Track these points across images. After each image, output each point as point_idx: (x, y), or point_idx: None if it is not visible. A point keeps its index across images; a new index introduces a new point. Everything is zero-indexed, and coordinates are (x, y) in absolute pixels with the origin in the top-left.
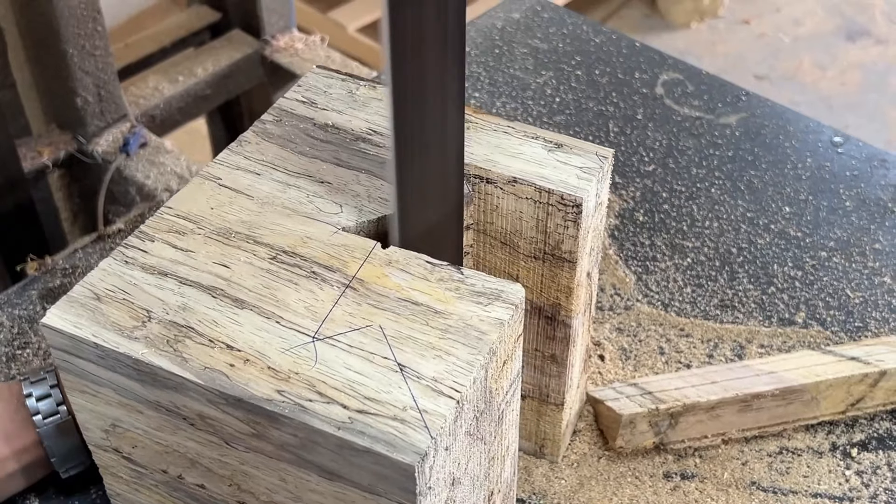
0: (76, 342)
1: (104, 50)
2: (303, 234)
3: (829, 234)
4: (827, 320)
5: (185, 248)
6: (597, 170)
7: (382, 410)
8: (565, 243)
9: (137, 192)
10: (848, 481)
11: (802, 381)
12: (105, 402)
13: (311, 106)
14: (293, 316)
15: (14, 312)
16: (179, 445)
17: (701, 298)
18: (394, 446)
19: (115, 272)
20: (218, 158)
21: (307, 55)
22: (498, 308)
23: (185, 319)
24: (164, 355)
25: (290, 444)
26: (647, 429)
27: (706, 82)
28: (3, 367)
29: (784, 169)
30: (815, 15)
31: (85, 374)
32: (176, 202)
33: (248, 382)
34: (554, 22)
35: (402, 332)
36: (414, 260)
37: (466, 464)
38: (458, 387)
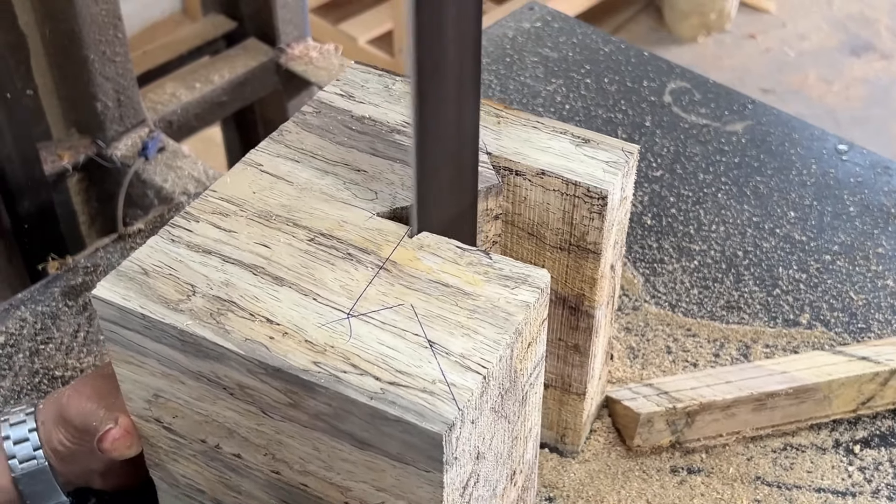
0: (124, 313)
1: (124, 56)
2: (339, 219)
3: (834, 239)
4: (831, 322)
5: (228, 229)
6: (622, 164)
7: (413, 383)
8: (590, 235)
9: (155, 195)
10: (850, 476)
11: (815, 380)
12: (149, 373)
13: (349, 99)
14: (329, 294)
15: (37, 309)
16: (218, 415)
17: (707, 300)
18: (423, 416)
19: (161, 249)
20: (260, 146)
21: (321, 63)
22: (524, 291)
23: (227, 294)
24: (207, 327)
25: (324, 414)
26: (664, 427)
27: (713, 91)
28: (27, 362)
29: (789, 175)
30: (821, 30)
31: (131, 344)
32: (220, 186)
33: (287, 354)
34: (564, 32)
35: (432, 311)
36: (444, 245)
37: (491, 440)
38: (485, 363)
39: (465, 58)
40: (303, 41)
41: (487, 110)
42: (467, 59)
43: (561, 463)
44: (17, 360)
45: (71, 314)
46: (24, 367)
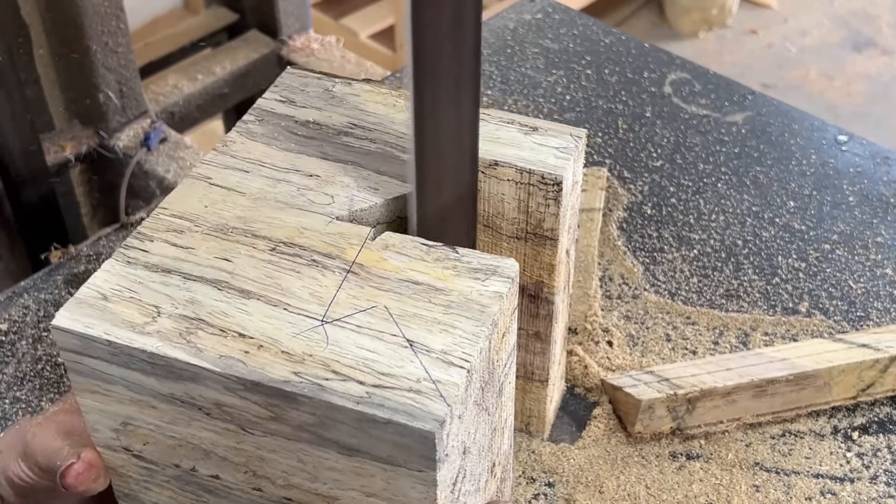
0: (87, 341)
1: (126, 47)
2: (298, 226)
3: (833, 228)
4: (830, 310)
5: (185, 246)
6: (573, 149)
7: (398, 384)
8: (546, 221)
9: (157, 185)
10: (849, 462)
11: (815, 366)
12: (116, 401)
13: (290, 104)
14: (299, 302)
15: (40, 296)
16: (193, 437)
17: (707, 288)
18: (413, 416)
19: (118, 272)
20: (205, 159)
21: (323, 55)
22: (496, 282)
23: (194, 312)
24: (178, 347)
25: (308, 424)
26: (665, 414)
27: (713, 82)
28: (30, 349)
29: (789, 165)
30: (822, 26)
31: (96, 373)
32: (170, 203)
33: (265, 367)
34: (565, 23)
35: (406, 310)
36: (409, 243)
37: (475, 433)
38: (467, 357)
39: (464, 49)
40: (304, 33)
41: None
42: (467, 51)
43: (561, 449)
44: (20, 347)
45: None
46: (28, 353)
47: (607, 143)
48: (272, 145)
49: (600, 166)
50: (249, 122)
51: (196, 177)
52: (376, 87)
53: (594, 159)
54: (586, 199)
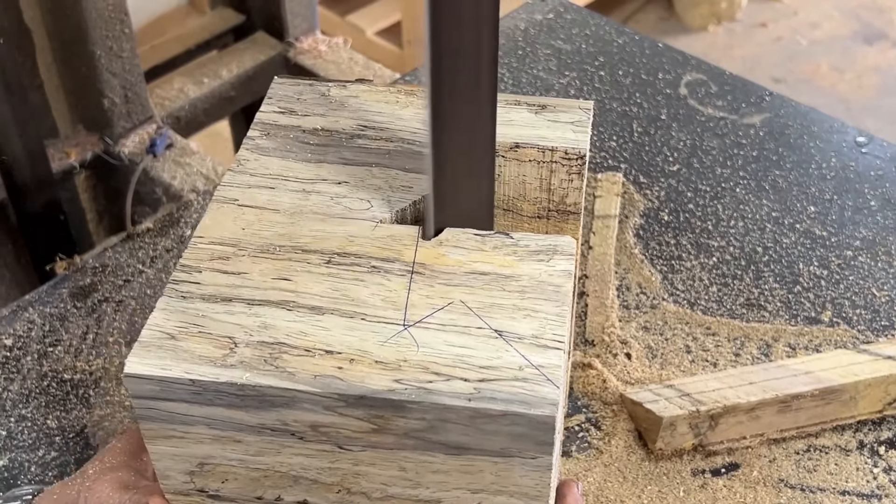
0: (165, 385)
1: (131, 52)
2: (345, 235)
3: (855, 234)
4: (853, 319)
5: (237, 272)
6: (586, 122)
7: (502, 375)
8: (570, 196)
9: (164, 192)
10: (876, 479)
11: (841, 380)
12: (195, 441)
13: (291, 115)
14: (374, 310)
15: (45, 310)
16: (282, 465)
17: (727, 297)
18: (529, 404)
19: (177, 308)
20: (224, 181)
21: (330, 57)
22: (560, 260)
23: (272, 337)
24: (268, 374)
25: (415, 430)
26: (687, 430)
27: (729, 83)
28: (35, 364)
29: (808, 169)
30: (832, 18)
31: (173, 417)
32: (203, 231)
33: (363, 379)
34: (577, 23)
35: (483, 301)
36: (462, 235)
37: (562, 411)
38: (559, 337)
39: (482, 45)
40: (311, 34)
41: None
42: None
43: (582, 465)
44: (25, 363)
45: (79, 316)
46: (33, 370)
47: (622, 146)
48: (288, 158)
49: (615, 171)
50: (256, 138)
51: (221, 200)
52: (372, 87)
53: (609, 164)
54: (601, 206)
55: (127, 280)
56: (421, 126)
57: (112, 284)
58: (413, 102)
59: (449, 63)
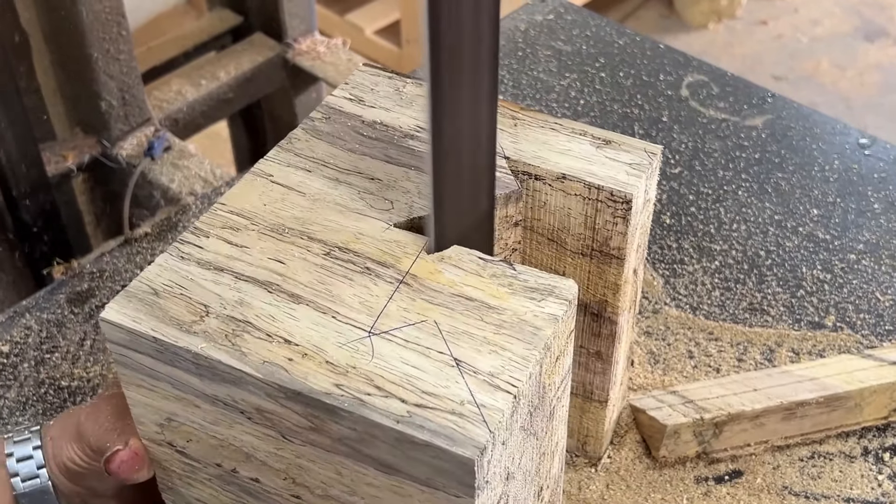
0: (134, 337)
1: (128, 54)
2: (355, 231)
3: (858, 237)
4: (857, 324)
5: (240, 244)
6: (646, 166)
7: (440, 405)
8: (614, 240)
9: (162, 195)
10: (881, 486)
11: (846, 387)
12: (161, 397)
13: (358, 103)
14: (348, 311)
15: (42, 316)
16: (235, 439)
17: (730, 302)
18: (453, 440)
19: (171, 267)
20: (269, 156)
21: (329, 58)
22: (552, 303)
23: (242, 314)
24: (223, 349)
25: (347, 438)
26: (691, 438)
27: (731, 84)
28: (33, 371)
29: (811, 171)
30: (833, 16)
31: (142, 368)
32: (229, 199)
33: (307, 376)
34: (577, 24)
35: (457, 327)
36: (466, 256)
37: (520, 459)
38: (515, 381)
39: (482, 52)
40: (310, 35)
41: (503, 112)
42: (484, 53)
43: (585, 474)
44: (22, 370)
45: (77, 322)
46: (30, 377)
47: None
48: (337, 145)
49: None
50: (316, 120)
51: (258, 173)
52: None
53: None
54: None
55: (125, 285)
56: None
57: (110, 290)
58: None
59: (448, 67)
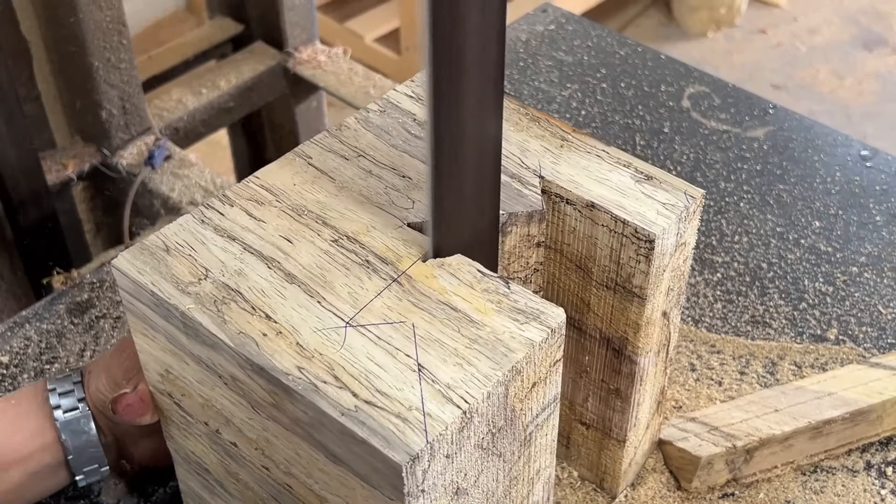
0: (137, 287)
1: (129, 63)
2: (369, 223)
3: (860, 250)
4: (859, 337)
5: (259, 218)
6: (681, 208)
7: (389, 406)
8: (636, 278)
9: (162, 205)
10: (883, 500)
11: (868, 400)
12: (160, 348)
13: (417, 101)
14: (335, 299)
15: (42, 327)
16: (216, 401)
17: (731, 314)
18: (389, 442)
19: (188, 228)
20: (315, 139)
21: (330, 67)
22: (533, 328)
23: (236, 284)
24: (206, 313)
25: (302, 421)
26: (723, 467)
27: (733, 95)
28: (32, 382)
29: (813, 183)
30: (832, 24)
31: (144, 318)
32: (263, 173)
33: (274, 354)
34: (578, 34)
35: (432, 333)
36: (466, 266)
37: (476, 477)
38: (469, 398)
39: (487, 56)
40: (311, 44)
41: (553, 131)
42: (489, 58)
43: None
44: (21, 381)
45: (77, 332)
46: None
47: None
48: (382, 138)
49: None
50: (371, 111)
51: (299, 153)
52: (507, 101)
53: None
54: None
55: None
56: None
57: (110, 300)
58: (530, 128)
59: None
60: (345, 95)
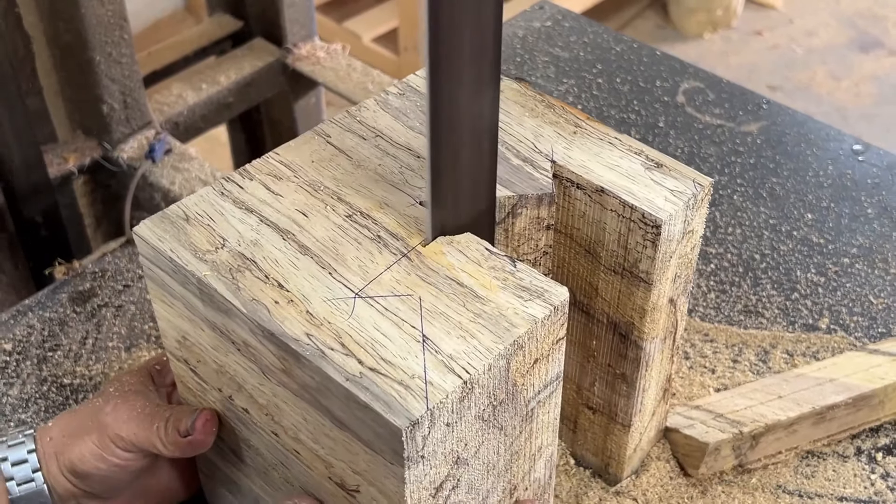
0: (157, 254)
1: (130, 57)
2: (382, 200)
3: (852, 241)
4: (850, 326)
5: (277, 192)
6: (688, 195)
7: (392, 373)
8: (642, 263)
9: (162, 198)
10: (873, 485)
11: (870, 385)
12: (177, 314)
13: None
14: (346, 271)
15: (45, 315)
16: (230, 367)
17: (725, 304)
18: (390, 407)
19: (209, 200)
20: (335, 118)
21: (329, 64)
22: (536, 305)
23: (252, 254)
24: (222, 281)
25: (309, 386)
26: (730, 453)
27: (727, 90)
28: (35, 369)
29: (806, 176)
30: (829, 26)
31: (164, 284)
32: (283, 150)
33: (285, 321)
34: (575, 31)
35: (437, 307)
36: (474, 244)
37: (477, 448)
38: (470, 369)
39: (484, 40)
40: (310, 41)
41: (567, 118)
42: (486, 43)
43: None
44: (24, 368)
45: (79, 321)
46: (32, 374)
47: None
48: (400, 120)
49: None
50: (391, 94)
51: (318, 132)
52: (524, 88)
53: None
54: None
55: (126, 285)
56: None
57: (112, 289)
58: (545, 115)
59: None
60: (343, 91)
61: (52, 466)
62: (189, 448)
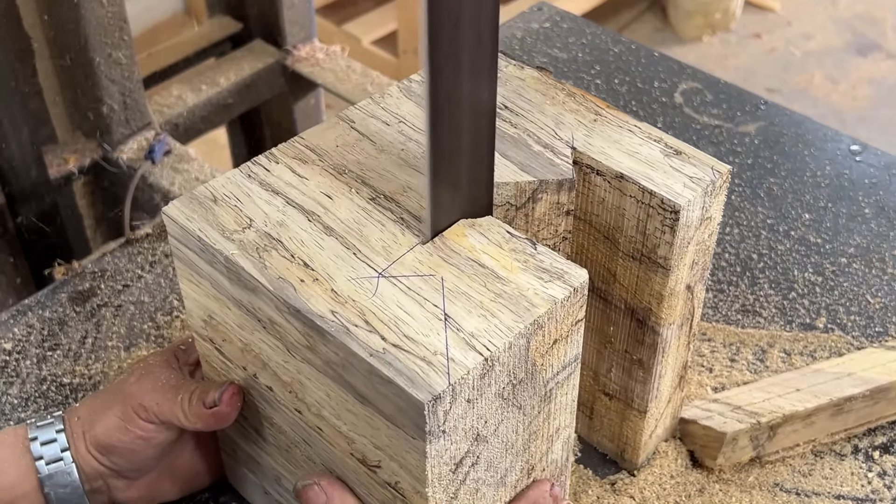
0: (185, 233)
1: (130, 59)
2: (405, 184)
3: (849, 241)
4: (847, 325)
5: (302, 175)
6: (707, 182)
7: (415, 350)
8: (661, 248)
9: (162, 199)
10: (870, 483)
11: (889, 378)
12: (204, 294)
13: None
14: (370, 252)
15: (44, 315)
16: (255, 345)
17: (722, 303)
18: (413, 382)
19: (236, 182)
20: (359, 105)
21: (328, 65)
22: (556, 286)
23: (278, 234)
24: (249, 259)
25: (333, 362)
26: (748, 444)
27: (724, 91)
28: (35, 368)
29: (803, 176)
30: (826, 30)
31: (191, 263)
32: (308, 134)
33: (310, 298)
34: (573, 32)
35: (459, 287)
36: (496, 227)
37: (497, 426)
38: (491, 346)
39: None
40: (309, 42)
41: (587, 106)
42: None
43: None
44: (24, 367)
45: (78, 320)
46: (32, 373)
47: None
48: (422, 106)
49: None
50: (414, 81)
51: (342, 117)
52: (545, 77)
53: None
54: None
55: (126, 285)
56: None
57: (111, 289)
58: (566, 103)
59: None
60: (343, 92)
61: (80, 446)
62: (212, 420)
